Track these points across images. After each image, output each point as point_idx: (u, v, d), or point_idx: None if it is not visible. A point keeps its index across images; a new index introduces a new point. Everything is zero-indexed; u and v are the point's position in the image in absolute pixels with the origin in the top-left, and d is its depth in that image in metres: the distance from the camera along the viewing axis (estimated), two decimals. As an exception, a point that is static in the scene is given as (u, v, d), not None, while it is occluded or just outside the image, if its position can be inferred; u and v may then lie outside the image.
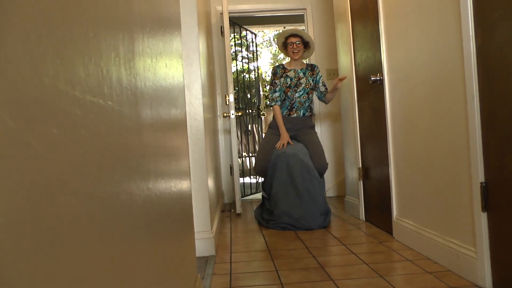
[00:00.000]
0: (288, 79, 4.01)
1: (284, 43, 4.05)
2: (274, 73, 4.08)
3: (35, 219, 0.46)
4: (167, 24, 1.51)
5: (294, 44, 3.96)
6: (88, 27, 0.65)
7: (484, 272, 2.01)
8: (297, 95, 4.01)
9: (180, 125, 1.69)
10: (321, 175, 3.87)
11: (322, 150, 3.94)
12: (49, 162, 0.49)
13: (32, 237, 0.46)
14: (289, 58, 4.09)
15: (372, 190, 3.61)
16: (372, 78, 3.23)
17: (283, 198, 3.72)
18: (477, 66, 1.99)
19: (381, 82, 3.19)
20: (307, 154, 3.81)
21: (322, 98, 4.11)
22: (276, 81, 4.04)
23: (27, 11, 0.46)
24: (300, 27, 6.17)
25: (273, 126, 4.08)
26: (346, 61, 4.06)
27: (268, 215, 3.85)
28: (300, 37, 3.99)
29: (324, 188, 3.92)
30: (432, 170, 2.51)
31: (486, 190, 1.99)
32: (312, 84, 4.06)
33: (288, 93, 4.01)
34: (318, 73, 4.10)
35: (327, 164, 3.92)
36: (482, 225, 2.01)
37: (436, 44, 2.38)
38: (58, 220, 0.52)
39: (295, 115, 4.02)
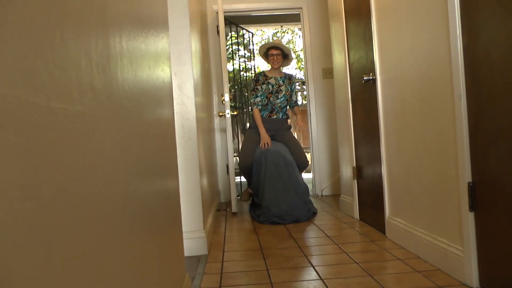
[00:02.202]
0: (270, 86, 4.43)
1: (266, 53, 4.49)
2: (256, 79, 4.48)
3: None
4: (152, 25, 1.52)
5: (275, 56, 4.41)
6: (54, 32, 0.66)
7: (471, 271, 2.02)
8: (278, 101, 4.45)
9: (166, 125, 1.70)
10: (302, 170, 4.29)
11: (302, 148, 4.40)
12: (5, 169, 0.50)
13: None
14: (270, 66, 4.53)
15: (366, 189, 3.63)
16: (364, 78, 3.24)
17: (270, 191, 4.03)
18: (464, 66, 2.00)
19: (373, 81, 3.20)
20: (288, 151, 4.17)
21: (291, 106, 4.63)
22: (258, 87, 4.43)
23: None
24: (296, 26, 6.18)
25: (253, 126, 4.46)
26: (340, 60, 4.07)
27: (258, 209, 4.13)
28: (281, 49, 4.42)
29: (304, 182, 4.25)
30: (423, 169, 2.52)
31: (473, 190, 2.00)
32: (290, 92, 4.53)
33: (271, 98, 4.42)
34: (294, 82, 4.59)
35: (308, 160, 4.37)
36: (469, 224, 2.02)
37: (426, 44, 2.39)
38: (19, 226, 0.53)
39: (275, 117, 4.46)
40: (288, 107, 4.61)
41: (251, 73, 6.65)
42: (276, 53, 4.39)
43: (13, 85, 0.53)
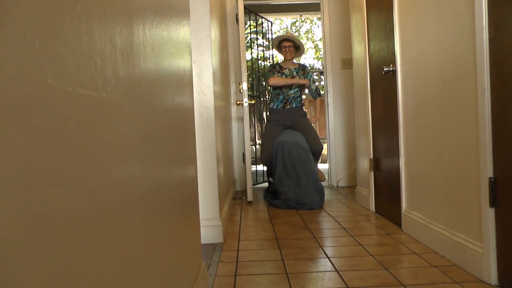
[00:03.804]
0: (284, 76, 4.59)
1: (279, 45, 4.67)
2: (273, 67, 4.71)
3: (21, 214, 0.48)
4: (174, 13, 1.51)
5: (287, 48, 4.57)
6: (81, 20, 0.66)
7: (490, 268, 2.00)
8: (291, 91, 4.60)
9: (186, 113, 1.70)
10: (317, 156, 4.45)
11: (317, 134, 4.54)
12: (34, 156, 0.51)
13: (20, 232, 0.47)
14: (284, 58, 4.69)
15: (383, 182, 3.60)
16: (384, 69, 3.20)
17: (287, 179, 4.28)
18: (489, 59, 1.96)
19: (393, 73, 3.16)
20: (305, 141, 4.38)
21: (313, 95, 4.80)
22: (273, 71, 4.65)
23: (11, 7, 0.47)
24: (315, 16, 6.12)
25: (271, 119, 4.65)
26: (360, 51, 4.02)
27: (274, 195, 4.44)
28: (292, 41, 4.58)
29: (316, 168, 4.46)
30: (442, 163, 2.49)
31: (495, 186, 1.97)
32: None
33: (283, 88, 4.58)
34: (309, 72, 4.69)
35: (322, 146, 4.50)
36: (489, 220, 2.00)
37: (449, 36, 2.34)
38: (46, 212, 0.54)
39: (288, 107, 4.61)
40: (313, 96, 4.83)
41: (269, 62, 6.62)
42: (289, 45, 4.55)
43: (41, 70, 0.53)
